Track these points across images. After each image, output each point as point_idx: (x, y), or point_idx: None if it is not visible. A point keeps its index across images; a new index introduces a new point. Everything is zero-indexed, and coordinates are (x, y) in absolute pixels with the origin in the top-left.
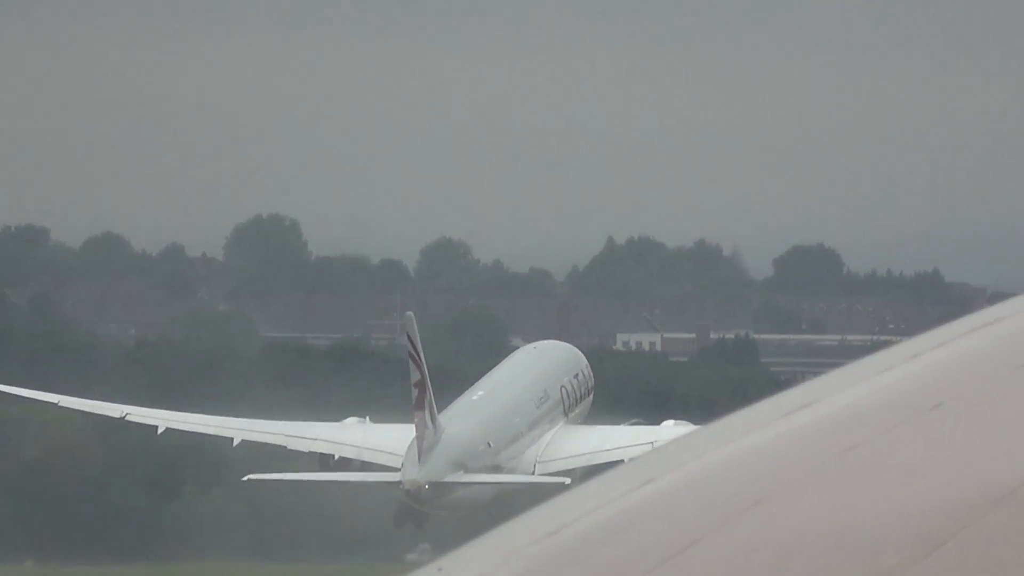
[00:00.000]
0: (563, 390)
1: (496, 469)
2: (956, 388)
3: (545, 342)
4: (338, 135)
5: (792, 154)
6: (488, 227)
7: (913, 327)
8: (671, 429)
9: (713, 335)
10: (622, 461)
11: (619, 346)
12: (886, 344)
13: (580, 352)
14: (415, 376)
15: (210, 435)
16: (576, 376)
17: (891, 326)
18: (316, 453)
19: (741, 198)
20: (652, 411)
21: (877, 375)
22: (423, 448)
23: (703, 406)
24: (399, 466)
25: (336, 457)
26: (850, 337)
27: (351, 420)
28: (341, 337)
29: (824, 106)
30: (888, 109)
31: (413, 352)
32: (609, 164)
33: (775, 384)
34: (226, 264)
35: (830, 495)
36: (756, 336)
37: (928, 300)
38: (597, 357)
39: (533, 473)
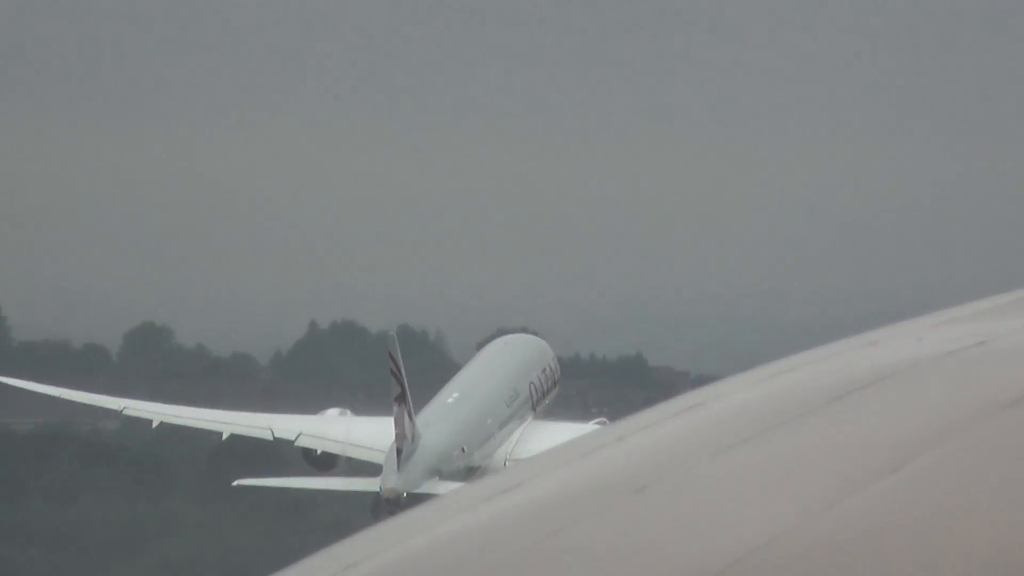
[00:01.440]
0: (531, 386)
1: (470, 470)
2: (660, 471)
3: (514, 336)
4: (40, 215)
5: (496, 237)
6: (191, 311)
7: (617, 410)
8: None
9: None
10: None
11: None
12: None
13: (547, 344)
14: (395, 391)
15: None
16: (544, 371)
17: (594, 409)
18: (300, 448)
19: (446, 281)
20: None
21: (582, 458)
22: (402, 456)
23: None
24: (380, 460)
25: (319, 451)
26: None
27: (332, 412)
28: (44, 422)
29: (522, 190)
30: (587, 192)
31: (394, 369)
32: (312, 247)
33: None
34: None
35: None
36: None
37: (632, 383)
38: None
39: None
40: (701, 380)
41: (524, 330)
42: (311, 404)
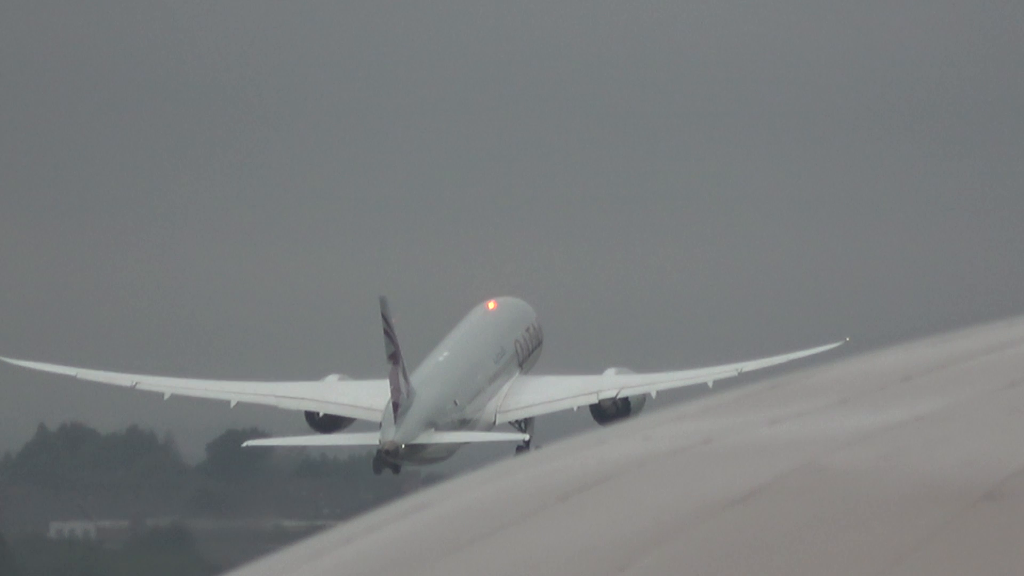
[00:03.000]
0: (517, 344)
1: (462, 422)
2: (387, 573)
3: (499, 299)
4: None
5: (228, 338)
6: None
7: (347, 511)
8: (613, 378)
9: (148, 522)
10: (572, 409)
11: (53, 535)
12: (321, 528)
13: (529, 306)
14: (389, 349)
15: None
16: (527, 330)
17: (326, 510)
18: (303, 412)
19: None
20: None
21: (311, 560)
22: (399, 411)
23: None
24: (378, 419)
25: (321, 414)
26: (285, 522)
27: (332, 377)
28: None
29: (248, 282)
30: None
31: (388, 328)
32: (39, 347)
33: (210, 572)
34: None
35: None
36: (190, 522)
37: (362, 484)
38: (30, 547)
39: (494, 422)
40: (432, 479)
41: (255, 429)
42: (40, 510)
